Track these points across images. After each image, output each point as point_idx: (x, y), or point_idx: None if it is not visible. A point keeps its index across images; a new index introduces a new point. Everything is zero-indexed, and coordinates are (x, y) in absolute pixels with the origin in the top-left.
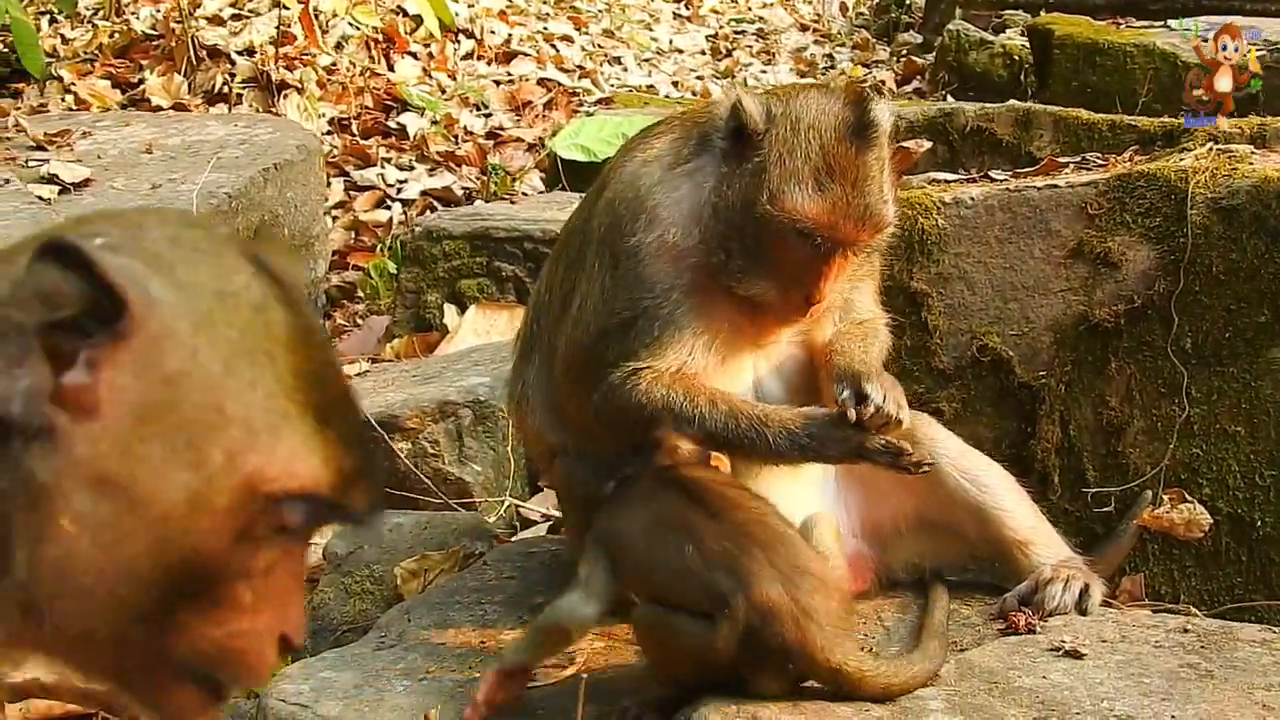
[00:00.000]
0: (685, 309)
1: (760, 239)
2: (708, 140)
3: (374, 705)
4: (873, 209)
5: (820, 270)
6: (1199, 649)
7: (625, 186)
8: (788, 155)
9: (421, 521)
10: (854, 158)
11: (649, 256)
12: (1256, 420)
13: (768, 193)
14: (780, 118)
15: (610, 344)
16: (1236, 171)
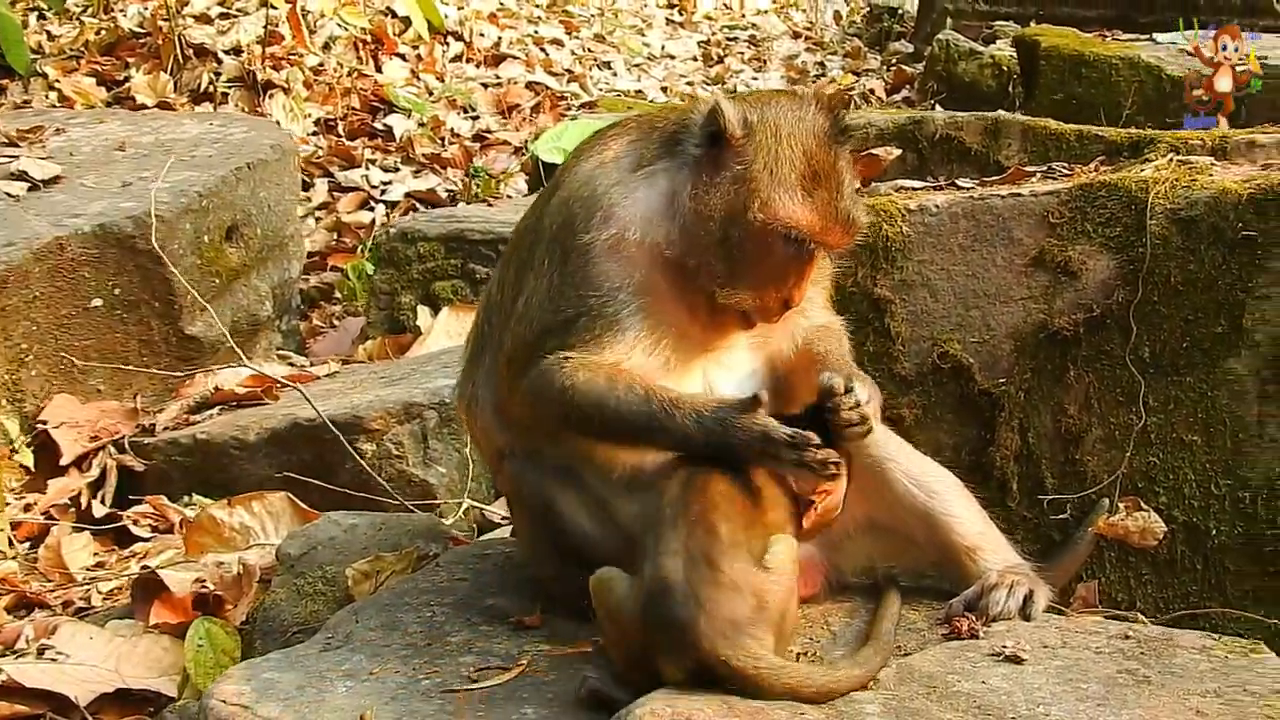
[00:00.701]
0: (632, 310)
1: (744, 245)
2: (673, 144)
3: (315, 706)
4: (854, 212)
5: (800, 274)
6: (1139, 655)
7: (580, 186)
8: (774, 163)
9: (377, 523)
10: (833, 163)
11: (600, 255)
12: (1212, 430)
13: (759, 200)
14: (759, 125)
15: (550, 339)
16: (1196, 183)
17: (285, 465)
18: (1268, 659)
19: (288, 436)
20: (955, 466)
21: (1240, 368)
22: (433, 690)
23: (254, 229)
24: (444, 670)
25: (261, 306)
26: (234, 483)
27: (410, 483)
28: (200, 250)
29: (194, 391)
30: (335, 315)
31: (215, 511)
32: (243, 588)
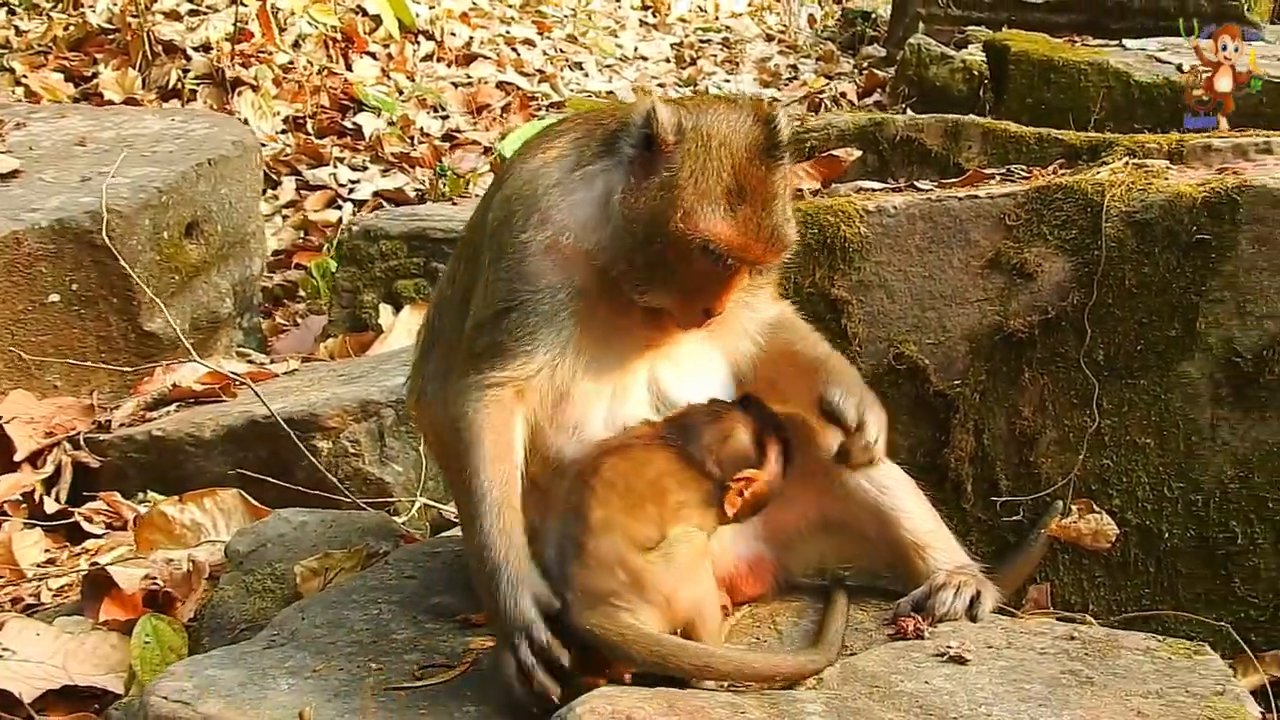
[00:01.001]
0: (565, 311)
1: (666, 253)
2: (613, 144)
3: (256, 703)
4: (780, 230)
5: (723, 286)
6: (1083, 656)
7: (523, 184)
8: (700, 173)
9: (327, 520)
10: (764, 178)
11: (535, 254)
12: (1166, 433)
13: (681, 210)
14: (691, 132)
15: (484, 333)
16: (1151, 186)
17: (241, 463)
18: (1210, 660)
19: (244, 434)
20: (910, 468)
21: (1194, 371)
22: (375, 688)
23: (215, 225)
24: (388, 668)
25: (222, 304)
26: (190, 480)
27: (366, 481)
28: (160, 246)
29: (151, 388)
30: (299, 313)
31: (166, 508)
32: (192, 585)
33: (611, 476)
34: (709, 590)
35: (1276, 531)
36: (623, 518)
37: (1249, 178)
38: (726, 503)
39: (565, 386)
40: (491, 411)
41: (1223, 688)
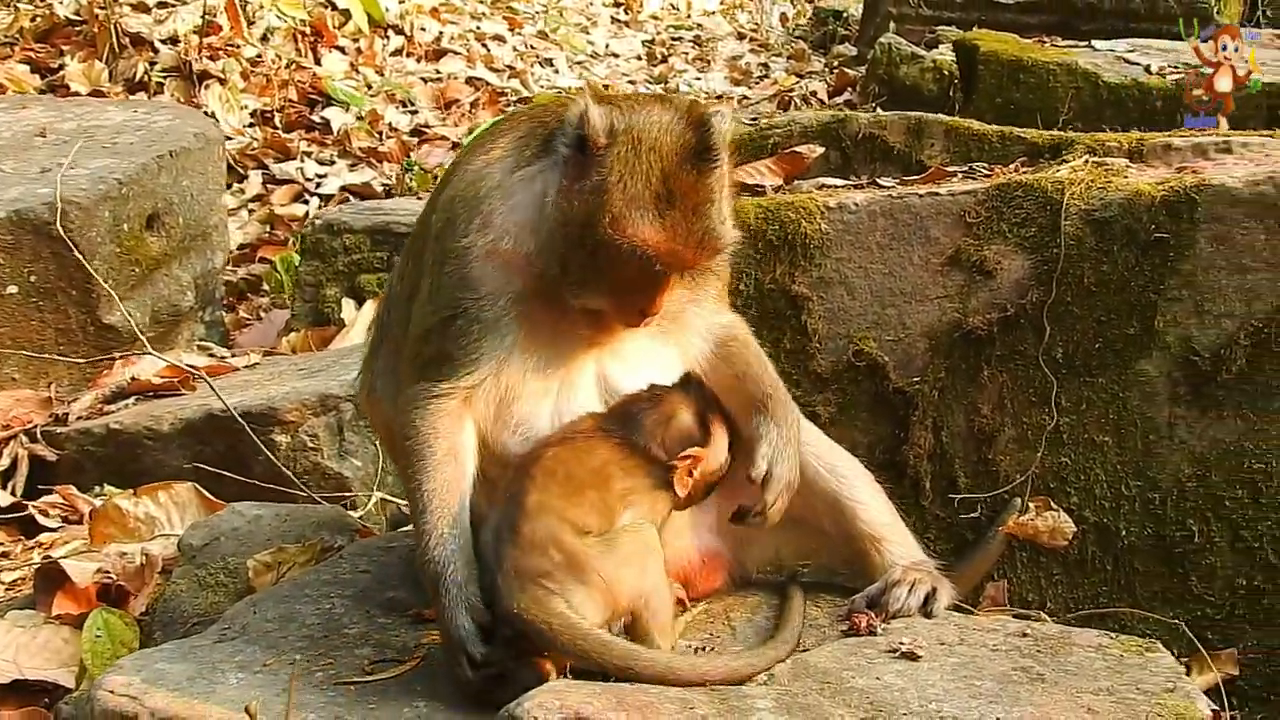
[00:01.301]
0: (509, 316)
1: (598, 255)
2: (551, 144)
3: (204, 697)
4: (711, 233)
5: (656, 288)
6: (1034, 653)
7: (465, 186)
8: (629, 177)
9: (282, 514)
10: (695, 182)
11: (476, 259)
12: (1124, 431)
13: (609, 215)
14: (623, 134)
15: (430, 340)
16: (1111, 184)
17: (199, 456)
18: (1162, 658)
19: (202, 428)
20: (869, 465)
21: (1152, 369)
22: (325, 682)
23: (176, 218)
24: (339, 662)
25: (183, 297)
26: (147, 473)
27: (325, 475)
28: (120, 238)
29: (110, 381)
30: (262, 307)
31: (120, 501)
32: (145, 579)
33: (552, 465)
34: (656, 583)
35: (1233, 530)
36: (560, 502)
37: (1208, 177)
38: (676, 484)
39: (512, 387)
40: (439, 421)
41: (1174, 685)
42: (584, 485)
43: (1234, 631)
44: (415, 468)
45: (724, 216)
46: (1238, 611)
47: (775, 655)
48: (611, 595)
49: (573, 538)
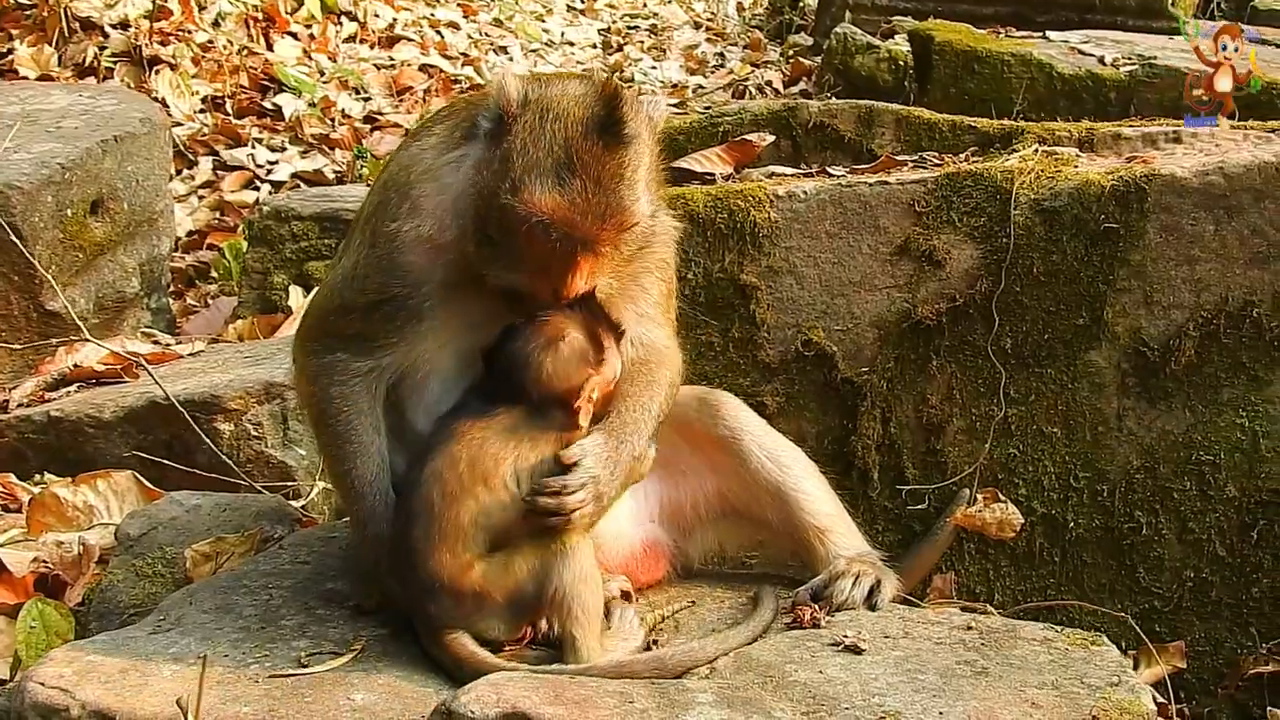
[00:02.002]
0: (433, 301)
1: (506, 228)
2: (475, 124)
3: (136, 690)
4: (615, 206)
5: (567, 264)
6: (979, 646)
7: (400, 171)
8: (531, 145)
9: (222, 504)
10: (598, 154)
11: (405, 246)
12: (1072, 422)
13: (510, 181)
14: (532, 104)
15: (352, 320)
16: (1060, 174)
17: (142, 444)
18: (1107, 651)
19: (145, 415)
20: (818, 455)
21: (1100, 360)
22: (260, 675)
23: (121, 204)
24: (275, 655)
25: (128, 283)
26: (89, 461)
27: (269, 464)
28: (63, 224)
29: (53, 368)
30: (210, 294)
31: (59, 490)
32: (82, 568)
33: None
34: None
35: (1181, 522)
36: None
37: (1157, 167)
38: (581, 417)
39: (431, 369)
40: (361, 399)
41: (1119, 679)
42: (468, 494)
43: (1181, 624)
44: (341, 450)
45: (636, 196)
46: (1185, 604)
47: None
48: (520, 612)
49: (468, 575)
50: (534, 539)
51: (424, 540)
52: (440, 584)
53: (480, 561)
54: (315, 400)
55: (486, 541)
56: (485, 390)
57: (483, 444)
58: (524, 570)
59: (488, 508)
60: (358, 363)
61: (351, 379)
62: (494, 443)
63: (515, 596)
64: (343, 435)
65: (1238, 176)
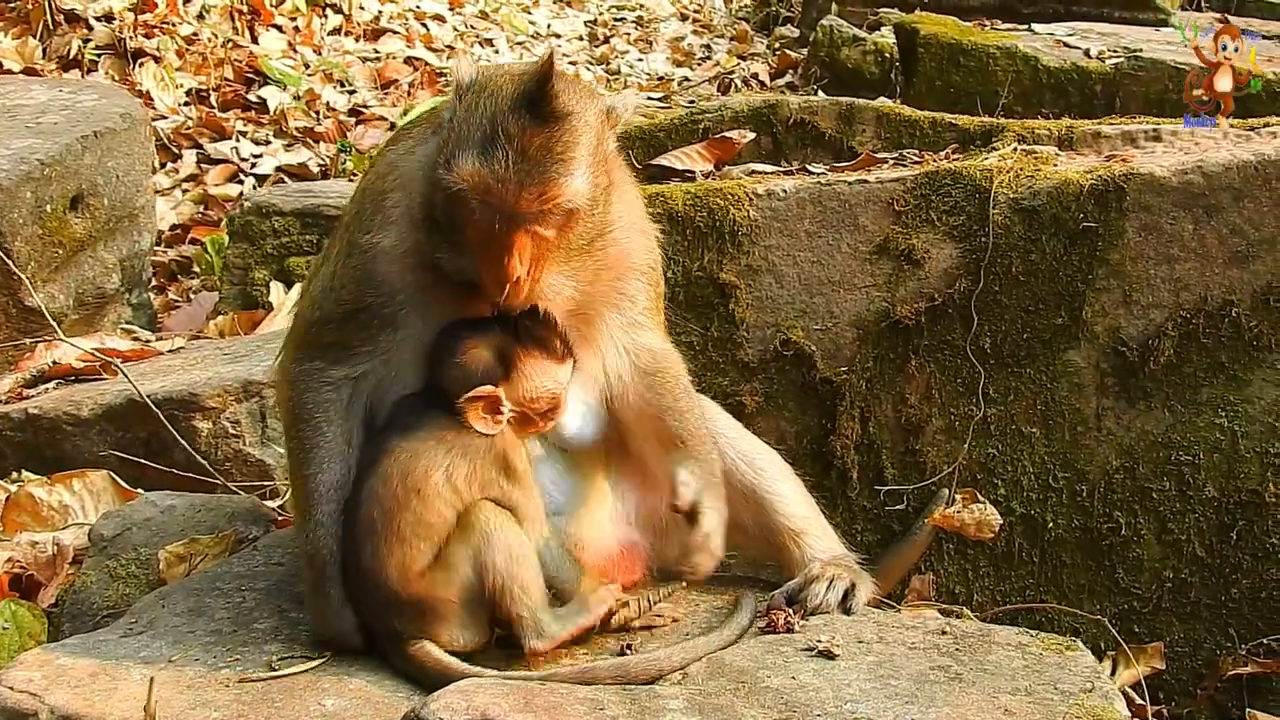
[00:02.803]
0: (408, 309)
1: (446, 210)
2: (440, 118)
3: (105, 695)
4: (537, 176)
5: (504, 244)
6: (953, 651)
7: (376, 179)
8: (464, 122)
9: (196, 504)
10: (525, 127)
11: (377, 257)
12: (1051, 422)
13: (443, 157)
14: (477, 85)
15: (329, 329)
16: (1039, 173)
17: (120, 442)
18: (1081, 657)
19: (123, 413)
20: (796, 455)
21: (1079, 360)
22: (231, 679)
23: (101, 199)
24: (246, 658)
25: (109, 279)
26: (67, 460)
27: (247, 462)
28: (43, 220)
29: (32, 365)
30: (192, 289)
31: (34, 489)
32: (56, 569)
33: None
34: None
35: (1160, 522)
36: (396, 553)
37: (1136, 165)
38: (476, 425)
39: (409, 379)
40: (331, 410)
41: (1092, 685)
42: (404, 508)
43: (1161, 624)
44: (309, 455)
45: (566, 172)
46: (1164, 604)
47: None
48: (476, 611)
49: (420, 583)
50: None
51: (373, 559)
52: (399, 597)
53: (428, 569)
54: (289, 405)
55: (430, 550)
56: (415, 399)
57: (412, 457)
58: (462, 562)
59: (424, 518)
60: (333, 370)
61: (324, 387)
62: (423, 455)
63: (466, 593)
64: (309, 441)
65: (1216, 175)
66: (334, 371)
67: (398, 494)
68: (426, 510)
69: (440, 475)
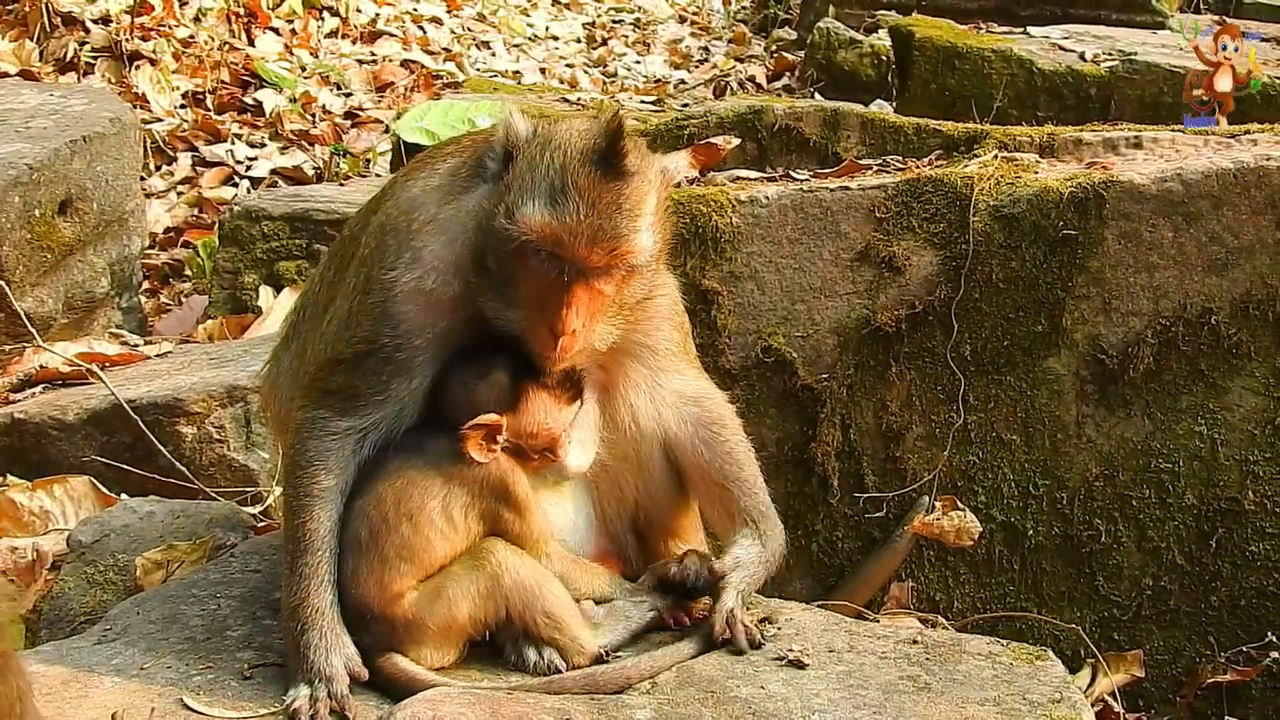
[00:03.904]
0: (424, 356)
1: (501, 256)
2: (482, 165)
3: (76, 703)
4: (609, 230)
5: (563, 297)
6: (923, 661)
7: (400, 215)
8: (529, 172)
9: (175, 510)
10: (596, 181)
11: (402, 296)
12: (1031, 429)
13: (505, 207)
14: (538, 138)
15: (339, 371)
16: (1020, 180)
17: (105, 447)
18: (1052, 667)
19: (108, 418)
20: (778, 461)
21: (1059, 367)
22: (202, 687)
23: (90, 204)
24: (218, 666)
25: (98, 283)
26: (52, 464)
27: (230, 468)
28: (31, 224)
29: (20, 369)
30: (184, 293)
31: (15, 494)
32: (35, 575)
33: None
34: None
35: (1140, 530)
36: (376, 572)
37: (1116, 173)
38: (472, 453)
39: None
40: (332, 460)
41: (1061, 695)
42: (392, 530)
43: (1140, 632)
44: (301, 502)
45: (635, 229)
46: (1144, 612)
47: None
48: (452, 637)
49: (398, 605)
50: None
51: (353, 575)
52: (373, 614)
53: (411, 591)
54: (291, 451)
55: (413, 574)
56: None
57: (409, 483)
58: (460, 597)
59: (411, 543)
60: (339, 421)
61: (329, 436)
62: (420, 482)
63: (447, 623)
64: (305, 489)
65: (1196, 183)
66: (340, 422)
67: (389, 517)
68: (416, 536)
69: (436, 504)
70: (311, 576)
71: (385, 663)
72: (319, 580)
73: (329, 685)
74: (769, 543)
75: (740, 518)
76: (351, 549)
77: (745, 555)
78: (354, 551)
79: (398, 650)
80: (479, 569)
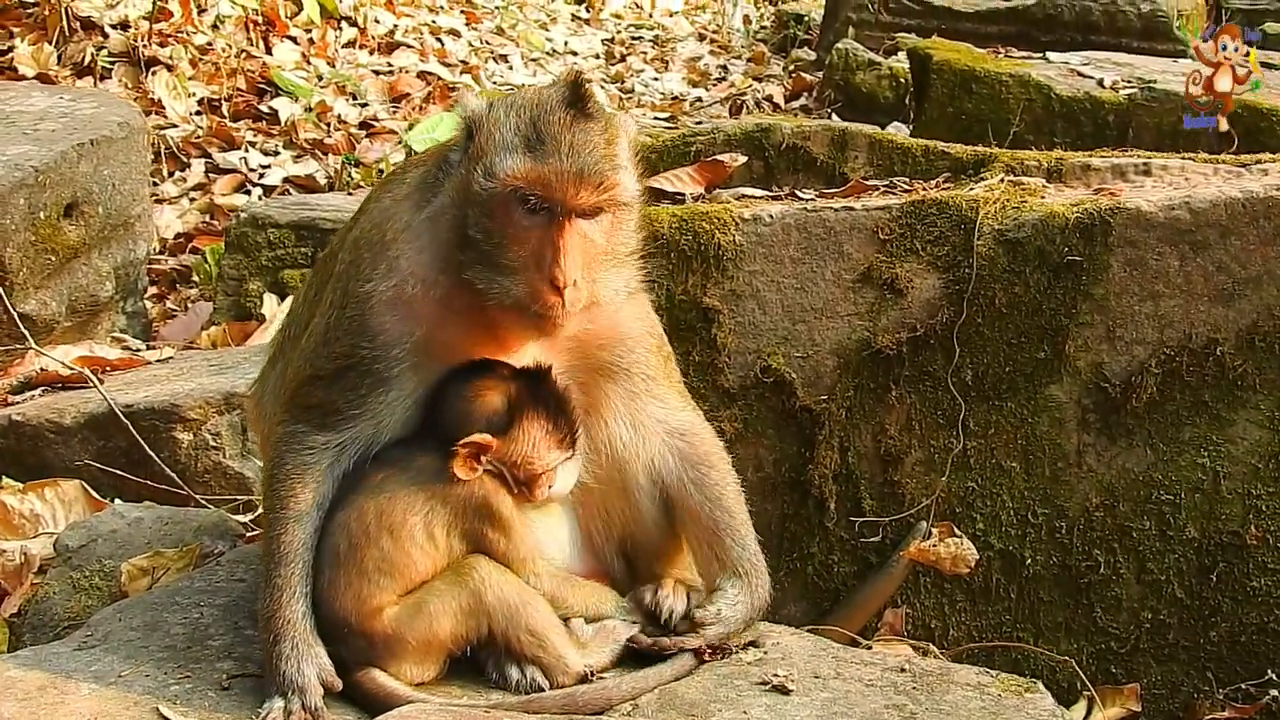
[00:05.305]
0: (403, 367)
1: (488, 227)
2: (446, 161)
3: (52, 709)
4: (590, 168)
5: (557, 244)
6: (910, 690)
7: (373, 228)
8: (498, 131)
9: (163, 517)
10: (569, 123)
11: (379, 306)
12: (1031, 457)
13: (481, 169)
14: (498, 105)
15: (318, 386)
16: (1025, 204)
17: (101, 452)
18: (1041, 699)
19: (105, 422)
20: (774, 483)
21: (1061, 394)
22: (180, 696)
23: (96, 207)
24: (197, 675)
25: (102, 287)
26: (48, 467)
27: (226, 475)
28: (36, 226)
29: (21, 371)
30: (190, 298)
31: (6, 497)
32: (22, 578)
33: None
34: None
35: (1140, 562)
36: (355, 587)
37: (1123, 199)
38: (456, 469)
39: (394, 437)
40: (309, 475)
41: None
42: (372, 544)
43: (1138, 666)
44: (278, 515)
45: (615, 166)
46: (1142, 645)
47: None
48: (432, 653)
49: (377, 619)
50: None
51: (330, 588)
52: (350, 628)
53: (391, 606)
54: (269, 465)
55: (393, 589)
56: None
57: (392, 496)
58: (441, 614)
59: (391, 557)
60: (316, 436)
61: (306, 450)
62: (403, 497)
63: (427, 639)
64: (282, 502)
65: (1204, 212)
66: (317, 437)
67: (370, 530)
68: (396, 550)
69: (418, 520)
70: (285, 588)
71: (364, 677)
72: (292, 592)
73: (302, 697)
74: (756, 598)
75: (731, 568)
76: (329, 561)
77: (730, 612)
78: (331, 563)
79: (377, 665)
80: (462, 584)
